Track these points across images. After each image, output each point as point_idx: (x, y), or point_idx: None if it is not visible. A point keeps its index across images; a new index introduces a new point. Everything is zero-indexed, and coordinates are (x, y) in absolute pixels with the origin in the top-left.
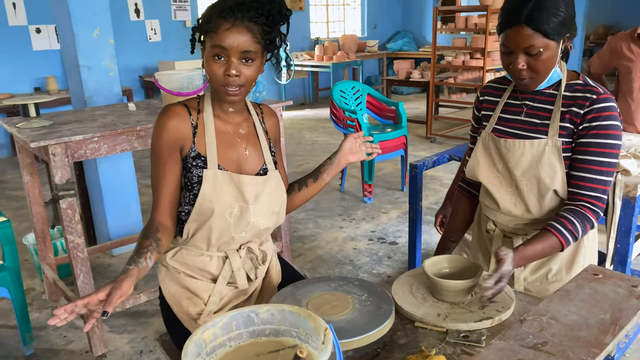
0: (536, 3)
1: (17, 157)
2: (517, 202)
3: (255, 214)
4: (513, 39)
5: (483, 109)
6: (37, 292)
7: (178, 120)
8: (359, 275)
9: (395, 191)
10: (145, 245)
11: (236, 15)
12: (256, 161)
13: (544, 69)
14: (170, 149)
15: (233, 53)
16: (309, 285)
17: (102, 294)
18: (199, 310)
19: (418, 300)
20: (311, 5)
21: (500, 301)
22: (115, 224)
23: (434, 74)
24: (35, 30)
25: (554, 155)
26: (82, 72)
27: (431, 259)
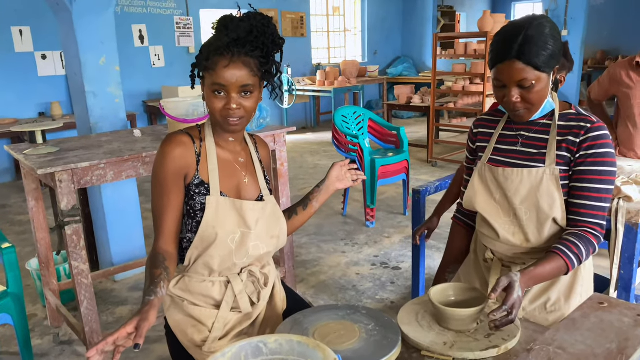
0: (525, 38)
1: (21, 182)
2: (515, 232)
3: (256, 239)
4: (505, 73)
5: (478, 141)
6: (39, 318)
7: (182, 148)
8: (362, 301)
9: (397, 215)
10: (157, 274)
11: (233, 52)
12: (254, 188)
13: (537, 101)
14: (175, 178)
15: (232, 88)
16: (316, 314)
17: (130, 327)
18: (204, 337)
19: (424, 329)
20: (313, 32)
21: (506, 329)
22: (118, 249)
23: (434, 99)
24: (41, 57)
25: (553, 183)
26: (88, 99)
27: (437, 287)
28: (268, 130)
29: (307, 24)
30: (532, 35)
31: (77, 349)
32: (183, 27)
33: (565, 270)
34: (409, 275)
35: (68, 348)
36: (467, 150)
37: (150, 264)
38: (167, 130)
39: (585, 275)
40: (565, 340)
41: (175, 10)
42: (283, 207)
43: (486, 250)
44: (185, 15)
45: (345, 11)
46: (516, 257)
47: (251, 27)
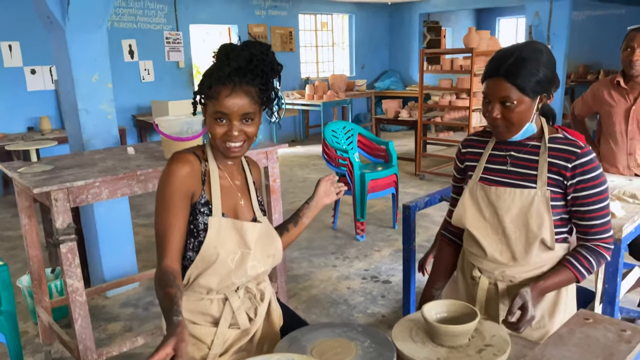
0: (517, 59)
1: (9, 197)
2: (503, 250)
3: (254, 259)
4: (491, 89)
5: (466, 160)
6: (30, 335)
7: (190, 167)
8: (353, 315)
9: (387, 229)
10: (173, 293)
11: (234, 81)
12: (249, 210)
13: (517, 121)
14: (182, 196)
15: (234, 116)
16: (313, 332)
17: (169, 349)
18: (204, 354)
19: (418, 345)
20: (301, 47)
21: (496, 345)
22: (110, 265)
23: (421, 113)
24: (31, 71)
25: (543, 205)
26: (80, 116)
27: (430, 304)
28: (260, 147)
29: (296, 39)
30: (525, 57)
31: None
32: (173, 42)
33: (574, 280)
34: (400, 289)
35: None
36: (454, 170)
37: (161, 282)
38: (160, 147)
39: (569, 291)
40: (553, 355)
41: (165, 25)
42: (276, 223)
43: (473, 269)
44: (175, 30)
45: (333, 26)
46: (502, 275)
47: (251, 56)
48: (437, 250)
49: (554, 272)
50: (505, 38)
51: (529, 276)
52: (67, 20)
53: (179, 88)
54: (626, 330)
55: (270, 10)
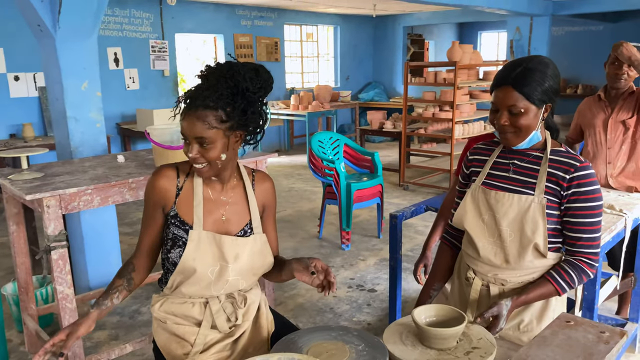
0: (525, 69)
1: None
2: (497, 252)
3: (234, 274)
4: (500, 98)
5: (472, 167)
6: (14, 343)
7: (165, 181)
8: (339, 323)
9: (372, 238)
10: (116, 284)
11: (192, 105)
12: (233, 225)
13: (524, 128)
14: (154, 205)
15: (190, 139)
16: (310, 334)
17: (62, 335)
18: (187, 351)
19: (408, 348)
20: (286, 57)
21: (483, 347)
22: (96, 272)
23: (405, 125)
24: (14, 78)
25: (538, 212)
26: (69, 124)
27: (419, 308)
28: (250, 157)
29: (281, 49)
30: (532, 68)
31: None
32: (158, 51)
33: (555, 294)
34: (385, 297)
35: None
36: (460, 175)
37: (118, 272)
38: (149, 155)
39: (558, 300)
40: (537, 355)
41: (151, 34)
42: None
43: (468, 270)
44: (160, 39)
45: (318, 37)
46: (495, 277)
47: (217, 78)
48: (437, 253)
49: (535, 286)
50: (487, 52)
51: (520, 280)
52: (58, 28)
53: (164, 96)
54: (605, 332)
55: (256, 21)
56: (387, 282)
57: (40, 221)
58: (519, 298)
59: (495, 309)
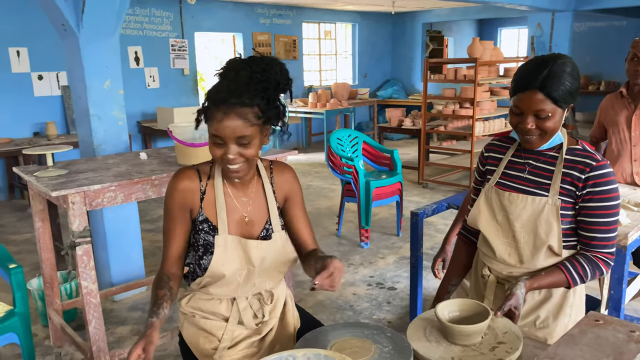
0: (550, 72)
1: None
2: (511, 252)
3: (261, 275)
4: (525, 102)
5: (487, 164)
6: (39, 337)
7: (188, 183)
8: (359, 321)
9: (391, 236)
10: (161, 295)
11: (229, 104)
12: (257, 226)
13: (550, 130)
14: (180, 209)
15: (229, 139)
16: (342, 329)
17: (139, 350)
18: (214, 346)
19: (432, 344)
20: (304, 55)
21: (508, 342)
22: (118, 269)
23: (425, 122)
24: (38, 77)
25: (552, 213)
26: (92, 122)
27: (442, 304)
28: (270, 154)
29: (300, 47)
30: (556, 71)
31: None
32: (178, 50)
33: (566, 285)
34: (405, 296)
35: None
36: (476, 172)
37: (155, 284)
38: (171, 153)
39: (576, 297)
40: (566, 354)
41: (171, 33)
42: None
43: (484, 267)
44: (180, 38)
45: (336, 35)
46: (510, 276)
47: (250, 75)
48: (454, 249)
49: (547, 273)
50: (507, 48)
51: None
52: (81, 27)
53: (184, 95)
54: (635, 331)
55: (275, 19)
56: (407, 280)
57: (64, 218)
58: (532, 284)
59: (513, 300)
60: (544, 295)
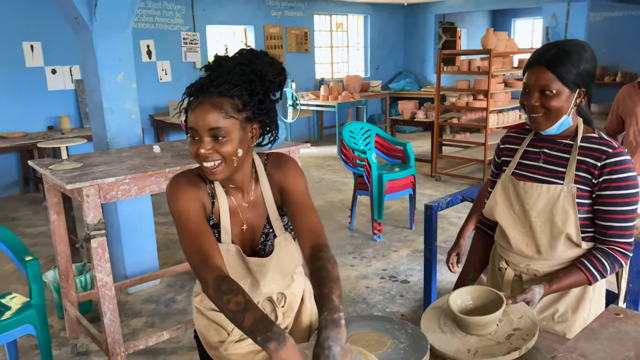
0: (560, 50)
1: (29, 195)
2: (528, 243)
3: (267, 284)
4: (532, 78)
5: (503, 156)
6: (55, 329)
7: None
8: (372, 314)
9: (404, 229)
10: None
11: (204, 93)
12: (255, 231)
13: (555, 110)
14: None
15: (203, 131)
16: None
17: None
18: (223, 339)
19: (447, 336)
20: (316, 47)
21: (524, 328)
22: (132, 261)
23: (438, 114)
24: (51, 71)
25: (568, 201)
26: (105, 115)
27: (454, 293)
28: (282, 147)
29: (311, 40)
30: (568, 50)
31: (94, 359)
32: (190, 43)
33: (586, 282)
34: (418, 289)
35: (86, 358)
36: (492, 165)
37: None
38: (184, 146)
39: (595, 291)
40: (586, 348)
41: (183, 26)
42: None
43: (501, 260)
44: (192, 31)
45: (348, 27)
46: (527, 268)
47: (234, 66)
48: (472, 242)
49: (567, 273)
50: (521, 40)
51: (553, 270)
52: (94, 21)
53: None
54: None
55: (286, 11)
56: (420, 274)
57: (78, 211)
58: (551, 287)
59: (529, 295)
60: None
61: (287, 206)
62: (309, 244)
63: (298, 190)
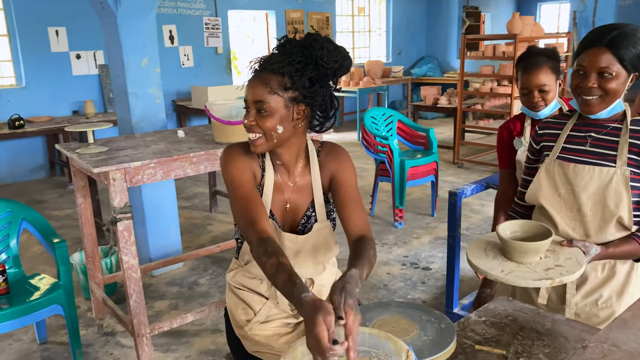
0: (620, 33)
1: (55, 178)
2: (576, 227)
3: (296, 267)
4: (590, 59)
5: (543, 142)
6: (82, 310)
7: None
8: (393, 300)
9: (425, 216)
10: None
11: (260, 68)
12: (298, 212)
13: (612, 93)
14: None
15: (250, 104)
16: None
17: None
18: (249, 318)
19: (489, 258)
20: (338, 32)
21: (566, 266)
22: (156, 244)
23: (461, 100)
24: (76, 56)
25: (622, 183)
26: (130, 99)
27: (504, 224)
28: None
29: (333, 24)
30: (627, 33)
31: (120, 340)
32: (212, 28)
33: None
34: (439, 276)
35: (112, 339)
36: (528, 152)
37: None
38: (208, 131)
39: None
40: (618, 338)
41: (205, 11)
42: None
43: None
44: (214, 16)
45: (370, 11)
46: None
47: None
48: None
49: (622, 241)
50: (547, 24)
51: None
52: (119, 6)
53: (217, 73)
54: None
55: None
56: (442, 261)
57: (103, 194)
58: (607, 249)
59: (587, 244)
60: (607, 274)
61: (336, 196)
62: (357, 233)
63: (349, 183)
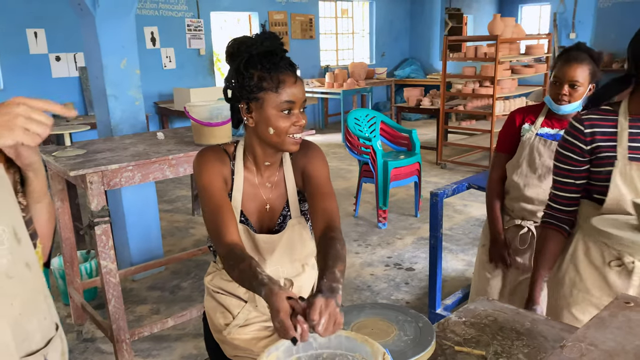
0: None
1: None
2: None
3: (272, 265)
4: None
5: (596, 141)
6: (60, 315)
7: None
8: (377, 301)
9: (409, 217)
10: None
11: (290, 68)
12: (275, 212)
13: None
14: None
15: (298, 104)
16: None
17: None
18: (227, 322)
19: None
20: (321, 34)
21: None
22: (137, 248)
23: (443, 102)
24: (55, 58)
25: None
26: (109, 101)
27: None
28: None
29: (316, 26)
30: None
31: (100, 346)
32: (194, 30)
33: None
34: (423, 277)
35: (91, 345)
36: (571, 153)
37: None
38: (189, 132)
39: None
40: (596, 337)
41: (187, 13)
42: None
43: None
44: (196, 18)
45: (353, 13)
46: None
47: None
48: (542, 240)
49: None
50: (528, 26)
51: None
52: (97, 7)
53: (200, 75)
54: None
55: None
56: (425, 261)
57: (83, 198)
58: None
59: None
60: None
61: (307, 190)
62: (323, 225)
63: (319, 175)
